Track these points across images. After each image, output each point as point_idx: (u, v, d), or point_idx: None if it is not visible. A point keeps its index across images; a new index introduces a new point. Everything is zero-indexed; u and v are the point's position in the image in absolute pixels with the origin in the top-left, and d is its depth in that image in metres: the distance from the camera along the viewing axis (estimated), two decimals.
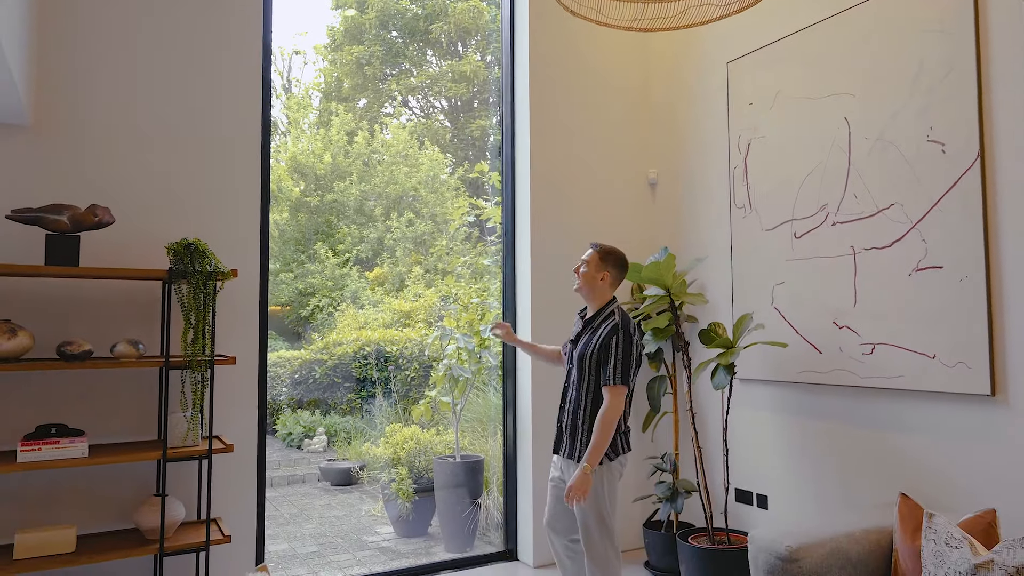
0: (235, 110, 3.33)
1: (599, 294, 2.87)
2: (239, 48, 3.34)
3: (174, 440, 2.88)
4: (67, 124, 2.99)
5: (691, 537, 3.54)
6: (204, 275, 2.83)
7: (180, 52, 3.22)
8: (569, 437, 2.84)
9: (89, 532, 2.94)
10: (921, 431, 3.04)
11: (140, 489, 3.06)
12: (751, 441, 3.79)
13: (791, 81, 3.63)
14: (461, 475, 4.49)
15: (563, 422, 2.88)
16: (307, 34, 13.59)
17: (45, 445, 2.61)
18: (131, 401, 3.06)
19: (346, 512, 5.62)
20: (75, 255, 2.73)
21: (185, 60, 3.23)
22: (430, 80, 12.86)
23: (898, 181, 3.12)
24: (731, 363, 3.24)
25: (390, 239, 10.83)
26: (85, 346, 2.72)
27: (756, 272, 3.78)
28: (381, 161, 11.51)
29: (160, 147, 3.16)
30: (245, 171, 3.34)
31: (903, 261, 3.10)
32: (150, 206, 3.14)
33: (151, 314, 3.12)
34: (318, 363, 7.77)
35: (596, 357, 2.76)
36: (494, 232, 8.65)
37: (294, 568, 4.28)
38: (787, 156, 3.63)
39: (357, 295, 9.99)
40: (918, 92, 3.05)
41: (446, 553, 4.52)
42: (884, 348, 3.16)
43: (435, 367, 7.55)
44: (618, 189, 4.43)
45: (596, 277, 2.85)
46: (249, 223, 3.34)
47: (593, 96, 4.37)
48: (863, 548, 2.68)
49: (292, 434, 7.43)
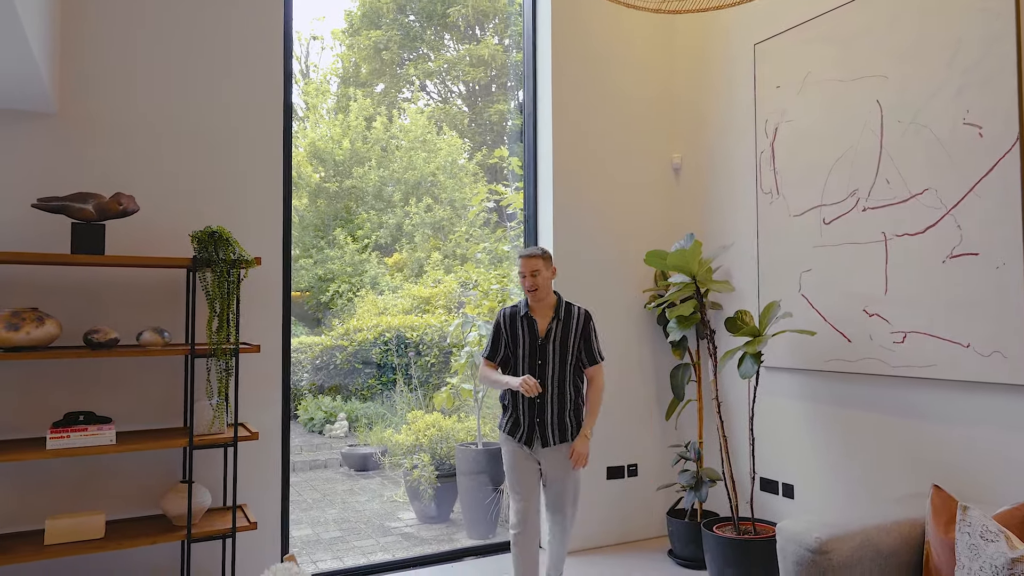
0: (257, 97, 3.31)
1: (551, 292, 3.12)
2: (261, 35, 3.32)
3: (200, 427, 2.89)
4: (92, 112, 2.99)
5: (716, 526, 3.51)
6: (228, 263, 2.83)
7: (203, 40, 3.20)
8: (559, 425, 3.02)
9: (117, 518, 2.97)
10: (953, 421, 2.98)
11: (166, 476, 3.08)
12: (776, 430, 3.74)
13: (821, 63, 3.54)
14: (483, 462, 4.49)
15: (549, 414, 3.01)
16: (324, 19, 13.54)
17: (74, 432, 2.63)
18: (157, 389, 3.07)
19: (368, 498, 5.65)
20: (101, 243, 2.74)
21: (208, 48, 3.21)
22: (448, 64, 12.78)
23: (932, 165, 3.04)
24: (759, 352, 3.19)
25: (409, 225, 10.82)
26: (112, 334, 2.73)
27: (783, 259, 3.71)
28: (399, 147, 11.48)
29: (184, 135, 3.16)
30: (267, 158, 3.33)
31: (937, 248, 3.02)
32: (174, 194, 3.14)
33: (176, 302, 3.12)
34: (339, 349, 7.80)
35: (578, 344, 3.08)
36: (514, 218, 8.61)
37: (318, 553, 4.32)
38: (816, 140, 3.55)
39: (376, 281, 10.01)
40: (955, 73, 2.95)
41: (468, 539, 4.53)
42: (916, 336, 3.09)
43: (455, 353, 7.56)
44: (641, 174, 4.37)
45: (549, 278, 3.09)
46: (272, 210, 3.34)
47: (617, 80, 4.31)
48: (894, 540, 2.64)
49: (313, 419, 7.48)
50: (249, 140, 3.29)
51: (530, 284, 3.02)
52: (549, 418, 3.00)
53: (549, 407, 3.01)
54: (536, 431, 3.00)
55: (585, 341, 3.08)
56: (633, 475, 4.24)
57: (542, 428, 3.00)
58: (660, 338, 4.35)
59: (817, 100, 3.55)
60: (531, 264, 3.03)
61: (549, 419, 3.00)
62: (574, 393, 3.06)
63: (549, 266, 3.07)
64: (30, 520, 2.84)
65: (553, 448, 3.01)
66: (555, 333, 3.03)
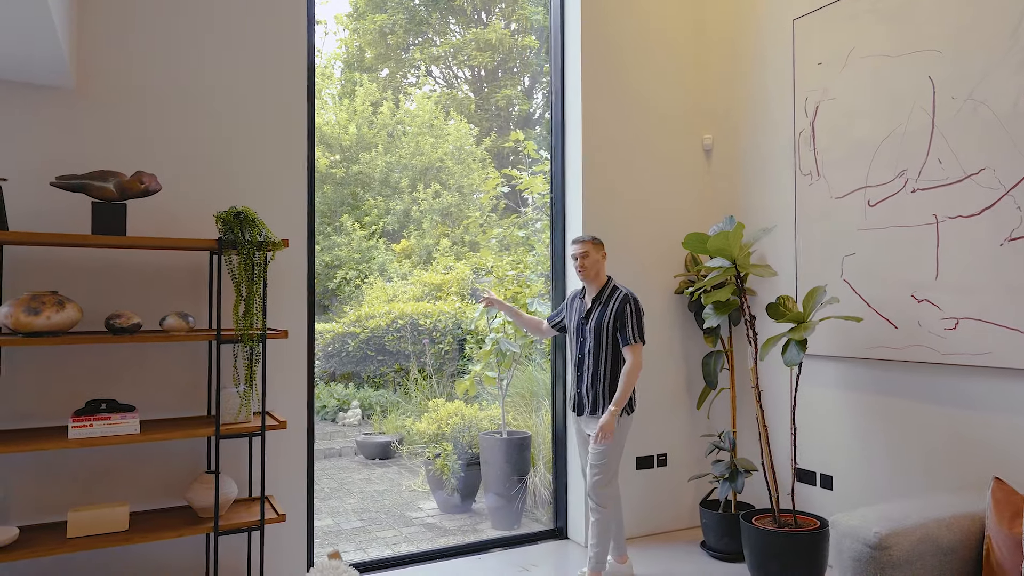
0: (280, 76, 3.17)
1: (601, 276, 3.34)
2: (284, 14, 3.17)
3: (226, 416, 2.78)
4: (112, 87, 2.85)
5: (755, 519, 3.41)
6: (255, 245, 2.70)
7: (226, 12, 3.06)
8: (592, 397, 3.28)
9: (140, 509, 2.86)
10: (1010, 411, 2.86)
11: (191, 465, 2.97)
12: (815, 419, 3.63)
13: (867, 38, 3.39)
14: (508, 451, 4.38)
15: (583, 387, 3.32)
16: (328, 2, 13.33)
17: (96, 421, 2.52)
18: (181, 375, 2.96)
19: (387, 487, 5.55)
20: (122, 224, 2.61)
21: (231, 21, 3.07)
22: (454, 49, 12.60)
23: (990, 144, 2.90)
24: (804, 339, 3.07)
25: (417, 211, 10.69)
26: (134, 319, 2.61)
27: (823, 243, 3.59)
28: (406, 132, 11.33)
29: (206, 112, 3.02)
30: (291, 136, 3.20)
31: (994, 230, 2.89)
32: (196, 174, 3.01)
33: (199, 285, 3.00)
34: (351, 336, 7.69)
35: (613, 324, 3.23)
36: (527, 203, 8.46)
37: (341, 544, 4.22)
38: (861, 119, 3.41)
39: (384, 268, 9.90)
40: (1017, 45, 2.81)
41: (493, 530, 4.43)
42: (969, 323, 2.97)
43: (468, 340, 7.44)
44: (671, 156, 4.23)
45: (599, 262, 3.32)
46: (296, 190, 3.21)
47: (646, 59, 4.16)
48: (954, 535, 2.53)
49: (326, 407, 7.38)
50: (273, 118, 3.16)
51: (579, 266, 3.30)
52: (585, 389, 3.31)
53: (585, 380, 3.31)
54: (576, 400, 3.36)
55: (620, 321, 3.22)
56: (663, 465, 4.14)
57: (580, 398, 3.34)
58: (691, 324, 4.23)
59: (863, 77, 3.41)
60: (581, 248, 3.31)
61: (585, 390, 3.31)
62: (610, 372, 3.25)
63: (599, 250, 3.33)
64: (52, 512, 2.73)
65: (588, 417, 3.32)
66: (594, 314, 3.30)
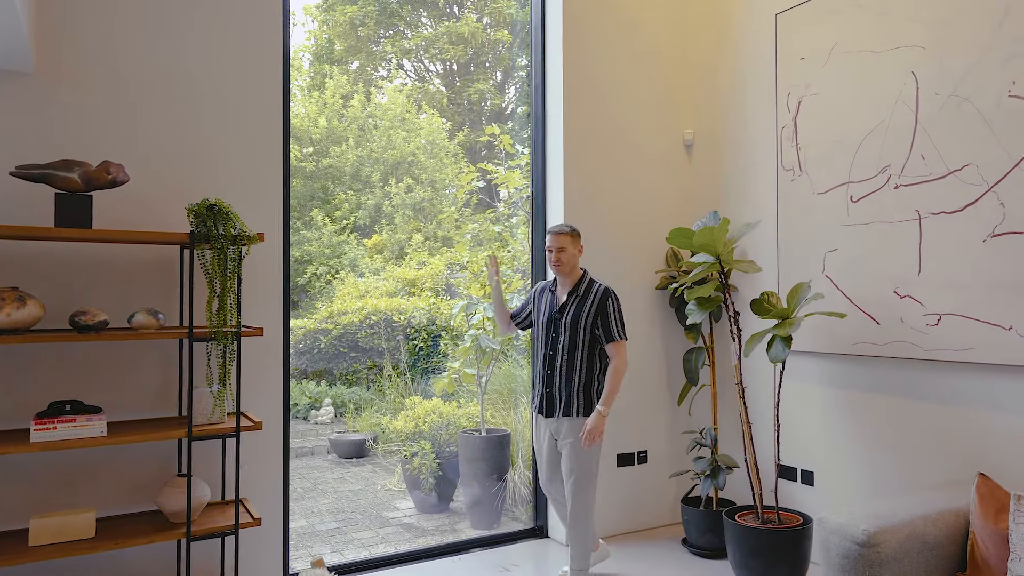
0: (255, 64, 3.05)
1: (576, 269, 3.19)
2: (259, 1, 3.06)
3: (199, 417, 2.67)
4: (76, 73, 2.71)
5: (738, 515, 3.39)
6: (228, 239, 2.59)
7: (199, 1, 2.93)
8: (565, 398, 3.11)
9: (108, 515, 2.73)
10: (992, 406, 2.87)
11: (161, 468, 2.85)
12: (796, 415, 3.62)
13: (850, 33, 3.39)
14: (487, 449, 4.32)
15: (557, 386, 3.13)
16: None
17: (60, 423, 2.40)
18: (150, 375, 2.83)
19: (362, 486, 5.44)
20: (87, 216, 2.49)
21: (203, 10, 2.94)
22: (425, 42, 12.45)
23: (973, 140, 2.91)
24: (789, 335, 3.05)
25: (388, 206, 10.56)
26: (101, 316, 2.49)
27: (805, 239, 3.58)
28: (377, 126, 11.17)
29: (177, 101, 2.90)
30: (266, 125, 3.08)
31: (977, 226, 2.90)
32: (167, 165, 2.88)
33: (170, 281, 2.88)
34: (323, 332, 7.55)
35: (593, 320, 3.09)
36: (500, 198, 8.38)
37: (316, 546, 4.11)
38: (843, 114, 3.41)
39: (356, 263, 9.76)
40: (1001, 41, 2.82)
41: (472, 530, 4.36)
42: (952, 319, 2.98)
43: (444, 336, 7.35)
44: (652, 151, 4.19)
45: (576, 256, 3.16)
46: (271, 182, 3.10)
47: (629, 51, 4.11)
48: (939, 531, 2.53)
49: (298, 405, 7.23)
50: (247, 107, 3.04)
51: (555, 259, 3.13)
52: (556, 390, 3.14)
53: (557, 380, 3.14)
54: (545, 401, 3.17)
55: (601, 317, 3.10)
56: (643, 462, 4.11)
57: (550, 399, 3.15)
58: (672, 320, 4.20)
59: (846, 72, 3.40)
60: (560, 240, 3.13)
61: (556, 391, 3.14)
62: (585, 370, 3.11)
63: (577, 243, 3.17)
64: (13, 519, 2.59)
65: (559, 420, 3.14)
66: (570, 308, 3.14)
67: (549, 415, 3.15)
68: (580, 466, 3.07)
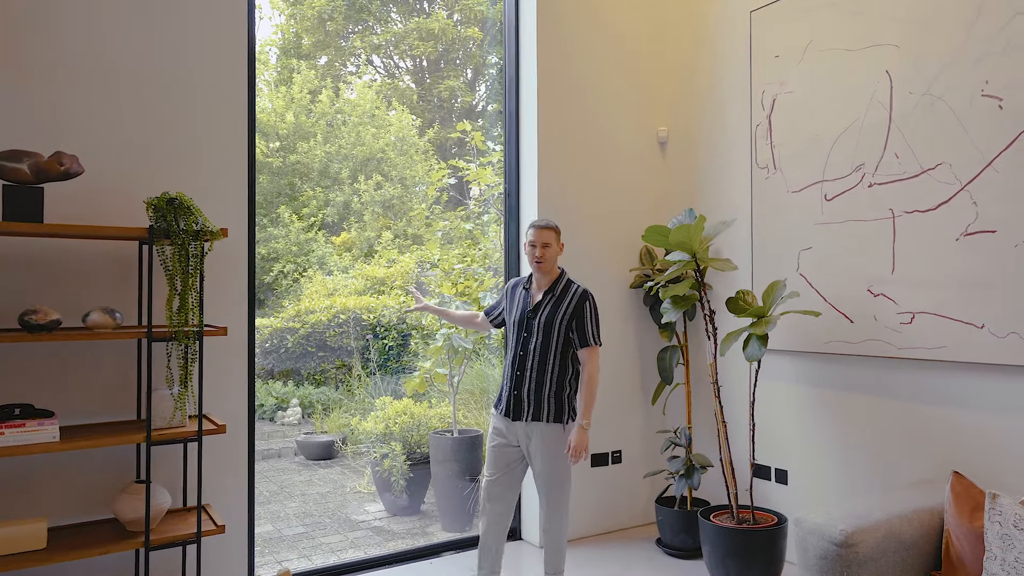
0: (219, 53, 2.93)
1: (556, 267, 3.03)
2: None
3: (158, 420, 2.55)
4: (27, 60, 2.57)
5: (713, 515, 3.37)
6: (190, 234, 2.48)
7: None
8: (535, 402, 2.91)
9: (61, 524, 2.60)
10: (965, 404, 2.88)
11: (118, 475, 2.73)
12: (770, 413, 3.62)
13: (824, 31, 3.38)
14: (459, 451, 4.24)
15: (526, 388, 2.94)
16: None
17: (8, 429, 2.26)
18: (107, 377, 2.70)
19: (330, 489, 5.32)
20: (38, 209, 2.36)
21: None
22: (395, 38, 12.30)
23: (946, 139, 2.92)
24: (765, 333, 3.03)
25: (357, 203, 10.41)
26: (52, 315, 2.36)
27: (780, 237, 3.57)
28: (346, 122, 11.01)
29: (137, 91, 2.76)
30: (231, 115, 2.97)
31: (950, 225, 2.91)
32: (125, 156, 2.75)
33: (128, 278, 2.75)
34: (290, 331, 7.39)
35: (568, 323, 2.93)
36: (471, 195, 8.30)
37: (282, 552, 3.99)
38: (818, 113, 3.40)
39: (324, 261, 9.60)
40: (974, 41, 2.83)
41: (444, 532, 4.28)
42: (925, 317, 2.99)
43: (414, 335, 7.25)
44: (626, 148, 4.15)
45: (558, 253, 3.01)
46: (236, 175, 2.98)
47: (603, 48, 4.06)
48: (914, 529, 2.53)
49: (264, 406, 7.07)
50: (211, 97, 2.92)
51: (538, 255, 2.96)
52: (526, 393, 2.94)
53: (527, 382, 2.94)
54: (512, 403, 2.96)
55: (577, 320, 2.94)
56: (617, 462, 4.07)
57: (518, 402, 2.95)
58: (646, 319, 4.17)
59: (820, 70, 3.40)
60: (544, 236, 2.96)
61: (526, 394, 2.94)
62: (557, 373, 2.93)
63: (559, 240, 3.03)
64: None
65: (528, 425, 2.93)
66: (544, 308, 2.97)
67: (516, 419, 2.93)
68: (556, 473, 2.93)
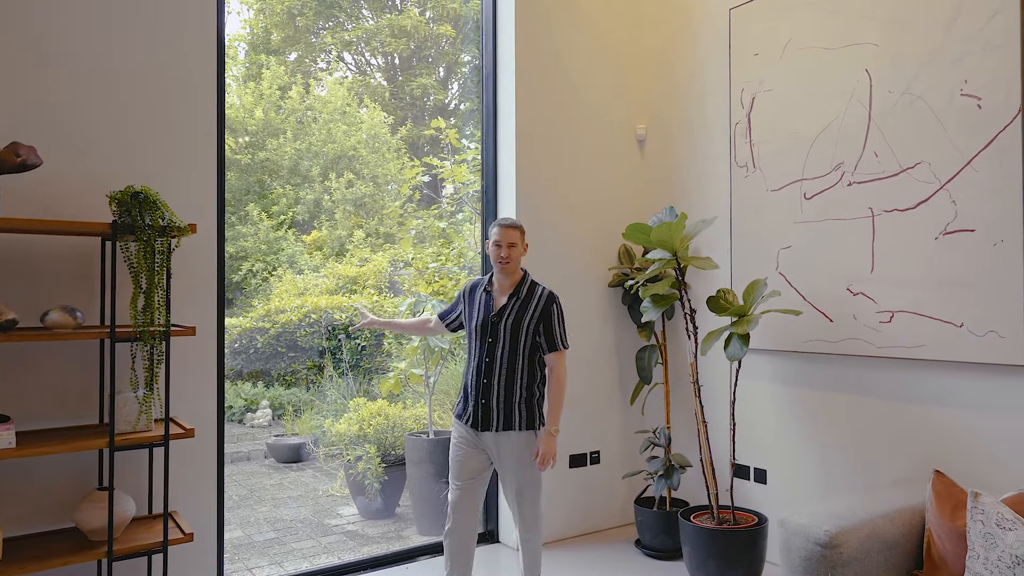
0: (188, 40, 2.82)
1: (519, 268, 2.91)
2: None
3: (121, 424, 2.43)
4: None
5: (693, 516, 3.34)
6: (156, 230, 2.38)
7: None
8: (504, 411, 2.79)
9: (18, 535, 2.47)
10: (944, 403, 2.89)
11: (79, 482, 2.60)
12: (749, 412, 3.60)
13: (804, 30, 3.37)
14: (435, 452, 4.16)
15: (495, 397, 2.79)
16: None
17: None
18: (67, 380, 2.58)
19: (302, 492, 5.20)
20: None
21: None
22: (366, 35, 12.15)
23: (926, 138, 2.92)
24: (747, 332, 3.01)
25: (328, 201, 10.25)
26: (8, 315, 2.24)
27: (759, 236, 3.56)
28: (317, 119, 10.83)
29: (101, 81, 2.64)
30: (200, 105, 2.86)
31: (929, 224, 2.91)
32: (87, 148, 2.63)
33: (89, 276, 2.63)
34: (260, 331, 7.23)
35: (536, 326, 2.82)
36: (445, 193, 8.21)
37: (253, 559, 3.87)
38: (797, 111, 3.40)
39: (294, 260, 9.43)
40: (953, 40, 2.83)
41: (420, 536, 4.20)
42: (904, 316, 2.99)
43: (388, 336, 7.14)
44: (605, 145, 4.11)
45: (522, 254, 2.89)
46: (204, 168, 2.87)
47: (581, 44, 4.01)
48: (897, 529, 2.52)
49: (233, 408, 6.90)
50: (178, 87, 2.81)
51: (504, 255, 2.82)
52: (494, 402, 2.79)
53: (495, 390, 2.80)
54: (479, 413, 2.80)
55: (544, 323, 2.83)
56: (596, 463, 4.03)
57: (486, 411, 2.80)
58: (624, 318, 4.13)
59: (799, 69, 3.39)
60: (510, 235, 2.83)
61: (494, 403, 2.79)
62: (526, 380, 2.82)
63: (524, 240, 2.90)
64: None
65: (498, 435, 2.80)
66: (510, 311, 2.82)
67: (484, 429, 2.79)
68: (530, 480, 2.83)
